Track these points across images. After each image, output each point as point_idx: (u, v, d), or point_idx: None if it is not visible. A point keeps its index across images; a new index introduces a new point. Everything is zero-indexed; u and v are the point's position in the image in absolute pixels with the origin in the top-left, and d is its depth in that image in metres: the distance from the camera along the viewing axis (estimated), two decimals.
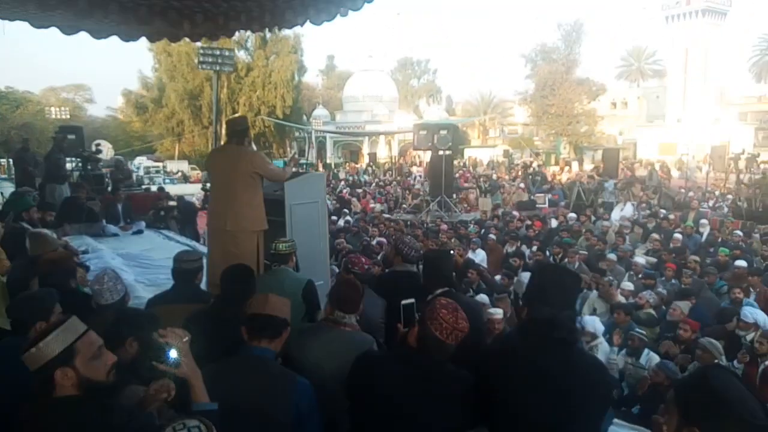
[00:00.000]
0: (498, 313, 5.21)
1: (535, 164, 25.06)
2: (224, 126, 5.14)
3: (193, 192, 19.17)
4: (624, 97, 51.19)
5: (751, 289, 6.83)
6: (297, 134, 41.02)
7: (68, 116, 33.89)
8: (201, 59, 13.13)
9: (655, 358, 5.22)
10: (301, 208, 4.56)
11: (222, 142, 34.42)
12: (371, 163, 31.70)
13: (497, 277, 7.57)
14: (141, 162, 34.39)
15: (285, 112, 37.06)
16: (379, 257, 9.19)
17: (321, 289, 3.84)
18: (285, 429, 2.08)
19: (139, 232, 8.84)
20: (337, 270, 5.93)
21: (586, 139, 41.01)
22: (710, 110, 39.00)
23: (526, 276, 7.50)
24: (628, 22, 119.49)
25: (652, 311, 6.44)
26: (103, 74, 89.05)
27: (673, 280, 7.72)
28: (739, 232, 10.11)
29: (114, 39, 5.65)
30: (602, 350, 5.41)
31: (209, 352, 2.16)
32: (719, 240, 9.82)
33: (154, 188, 15.06)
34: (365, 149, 41.21)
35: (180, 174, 32.08)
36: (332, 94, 53.92)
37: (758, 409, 1.39)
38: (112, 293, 3.00)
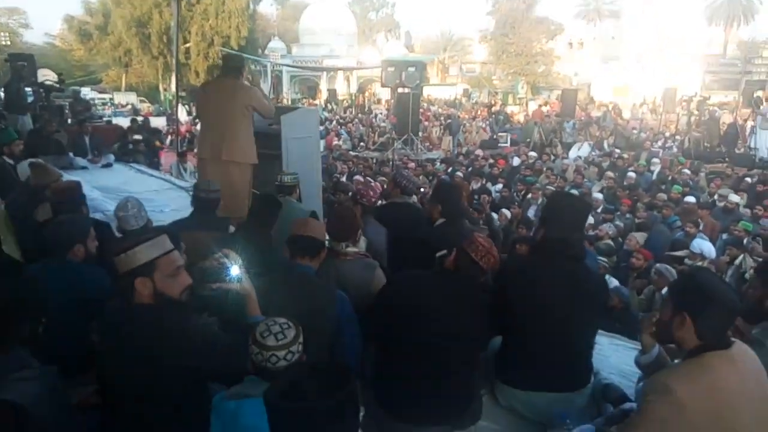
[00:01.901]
0: None
1: (498, 104, 25.31)
2: (222, 60, 5.17)
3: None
4: (580, 38, 51.52)
5: (700, 221, 7.48)
6: (253, 67, 39.61)
7: (8, 42, 31.45)
8: None
9: (614, 283, 5.78)
10: (297, 143, 4.71)
11: (191, 72, 32.69)
12: (330, 100, 31.20)
13: None
14: (86, 94, 32.60)
15: (240, 44, 35.42)
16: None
17: None
18: (329, 336, 2.37)
19: (108, 165, 8.70)
20: None
21: (543, 79, 41.44)
22: (663, 53, 39.93)
23: (502, 213, 7.96)
24: None
25: (610, 242, 7.01)
26: None
27: (627, 215, 8.33)
28: (688, 171, 10.83)
29: None
30: None
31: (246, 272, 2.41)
32: (669, 178, 10.49)
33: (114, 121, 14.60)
34: (323, 85, 40.35)
35: (130, 107, 30.70)
36: (288, 26, 51.74)
37: (735, 298, 1.76)
38: (137, 219, 3.15)
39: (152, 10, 34.16)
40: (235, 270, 2.12)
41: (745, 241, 6.48)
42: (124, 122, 14.13)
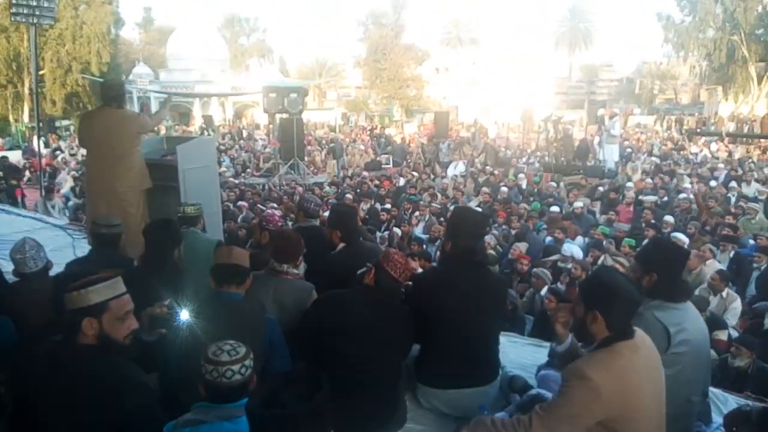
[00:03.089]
0: None
1: (379, 127, 26.17)
2: (100, 89, 5.06)
3: None
4: (446, 64, 54.98)
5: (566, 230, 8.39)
6: None
7: None
8: (14, 10, 11.33)
9: None
10: (194, 172, 4.66)
11: (46, 102, 29.76)
12: (207, 126, 30.23)
13: None
14: None
15: (102, 69, 33.20)
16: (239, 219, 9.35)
17: None
18: (260, 360, 2.43)
19: None
20: None
21: (415, 102, 43.55)
22: (518, 77, 43.83)
23: (394, 231, 8.30)
24: None
25: (493, 251, 7.64)
26: None
27: (503, 226, 9.11)
28: (553, 183, 12.06)
29: None
30: None
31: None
32: (535, 190, 11.60)
33: None
34: (197, 111, 39.01)
35: None
36: (153, 50, 49.44)
37: (635, 291, 2.10)
38: (35, 261, 2.99)
39: None
40: (184, 315, 2.18)
41: (603, 242, 7.39)
42: None
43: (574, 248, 6.95)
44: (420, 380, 2.78)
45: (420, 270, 3.73)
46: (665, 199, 10.51)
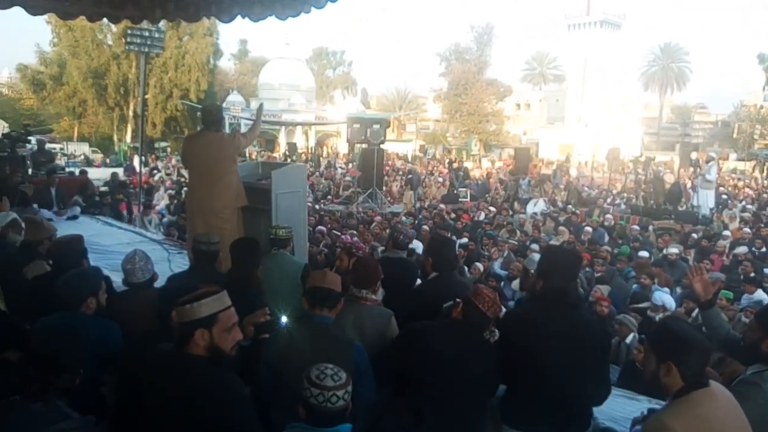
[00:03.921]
0: None
1: (458, 160, 26.24)
2: (201, 114, 5.42)
3: (99, 177, 18.27)
4: (527, 99, 54.54)
5: (655, 277, 7.94)
6: None
7: None
8: (128, 40, 12.46)
9: None
10: (286, 197, 4.84)
11: (148, 124, 32.44)
12: (290, 153, 31.49)
13: None
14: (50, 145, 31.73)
15: (199, 96, 35.69)
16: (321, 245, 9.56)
17: None
18: None
19: (74, 217, 8.54)
20: None
21: (494, 137, 43.31)
22: (605, 115, 42.60)
23: (475, 266, 8.20)
24: (533, 27, 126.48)
25: None
26: None
27: (587, 268, 8.75)
28: (636, 227, 11.50)
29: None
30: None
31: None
32: (626, 233, 11.10)
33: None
34: (282, 138, 40.75)
35: (82, 157, 30.01)
36: (246, 80, 52.53)
37: (707, 341, 2.02)
38: (143, 272, 3.19)
39: (110, 62, 34.11)
40: (284, 319, 2.28)
41: None
42: (91, 174, 13.88)
43: (665, 297, 6.54)
44: (505, 421, 2.68)
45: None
46: (763, 250, 9.75)
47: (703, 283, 2.67)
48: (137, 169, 15.90)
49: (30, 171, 10.30)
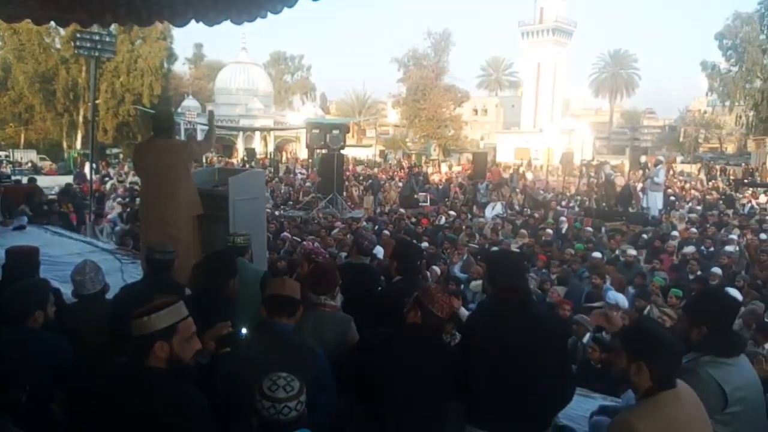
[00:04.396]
0: None
1: (416, 166, 26.47)
2: (152, 120, 5.24)
3: (49, 184, 17.59)
4: (484, 105, 55.53)
5: (607, 276, 8.19)
6: None
7: None
8: (78, 44, 12.03)
9: None
10: (244, 204, 4.77)
11: (99, 130, 31.30)
12: (249, 159, 31.09)
13: None
14: None
15: (152, 101, 34.83)
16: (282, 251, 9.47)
17: None
18: (309, 392, 2.43)
19: (21, 227, 8.18)
20: None
21: (453, 142, 43.87)
22: (558, 120, 43.77)
23: (433, 269, 8.26)
24: (488, 34, 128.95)
25: (532, 296, 7.49)
26: None
27: (543, 270, 8.95)
28: (590, 228, 11.85)
29: None
30: None
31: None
32: (579, 235, 11.42)
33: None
34: (240, 144, 40.18)
35: (30, 164, 28.83)
36: (201, 85, 51.65)
37: (678, 342, 2.08)
38: (93, 283, 3.08)
39: (58, 66, 32.98)
40: (243, 331, 2.25)
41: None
42: (40, 182, 13.34)
43: (619, 296, 6.74)
44: (469, 422, 2.70)
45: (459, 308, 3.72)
46: (711, 249, 10.19)
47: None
48: (88, 177, 15.36)
49: None
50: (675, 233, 11.29)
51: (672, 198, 17.59)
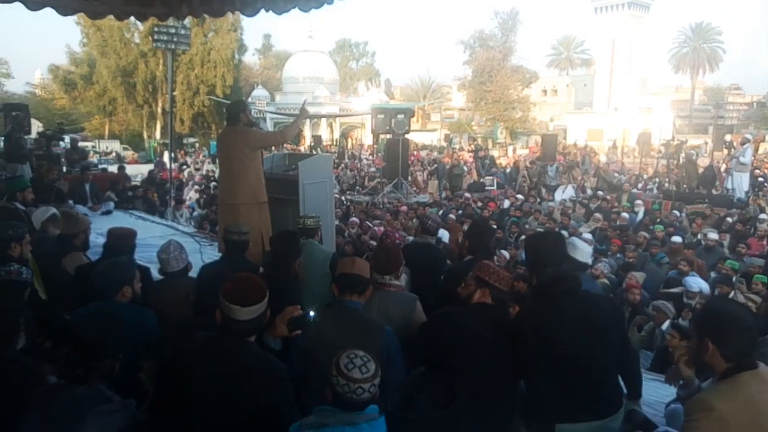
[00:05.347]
0: None
1: (484, 149, 26.03)
2: (225, 110, 5.40)
3: (133, 173, 18.69)
4: (554, 85, 53.59)
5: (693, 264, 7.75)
6: None
7: None
8: (155, 38, 12.69)
9: None
10: (313, 187, 4.90)
11: (176, 120, 33.15)
12: (316, 146, 31.68)
13: None
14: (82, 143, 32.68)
15: (225, 92, 36.16)
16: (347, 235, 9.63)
17: None
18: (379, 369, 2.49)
19: (108, 212, 8.77)
20: None
21: (520, 124, 42.74)
22: (635, 98, 41.62)
23: (501, 254, 8.16)
24: (558, 11, 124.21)
25: (606, 281, 7.24)
26: (18, 47, 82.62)
27: (618, 254, 8.61)
28: (677, 213, 11.26)
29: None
30: None
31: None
32: (658, 220, 10.88)
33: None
34: (307, 131, 40.97)
35: (114, 154, 30.75)
36: (270, 75, 52.97)
37: (749, 318, 1.96)
38: (178, 261, 3.28)
39: (138, 60, 34.76)
40: (312, 313, 2.34)
41: (734, 278, 6.76)
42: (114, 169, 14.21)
43: (701, 282, 6.40)
44: (533, 413, 2.64)
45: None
46: None
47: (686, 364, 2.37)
48: (167, 165, 16.20)
49: (64, 168, 10.63)
50: (763, 216, 10.53)
51: (760, 179, 16.38)
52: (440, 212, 12.03)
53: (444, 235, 10.05)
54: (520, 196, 14.03)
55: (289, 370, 2.43)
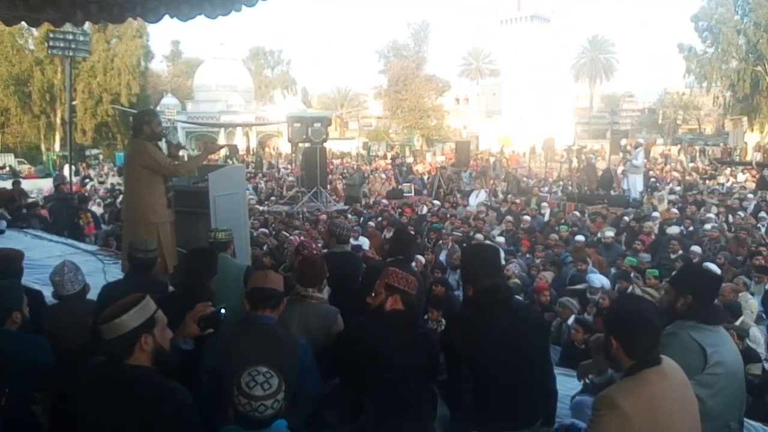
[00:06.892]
0: None
1: (400, 156, 26.47)
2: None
3: (30, 188, 17.33)
4: (466, 94, 55.54)
5: (588, 259, 8.29)
6: None
7: None
8: (51, 44, 11.84)
9: None
10: (224, 199, 4.75)
11: (77, 131, 30.86)
12: (231, 156, 30.80)
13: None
14: None
15: (131, 100, 34.38)
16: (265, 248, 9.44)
17: None
18: (292, 384, 2.44)
19: (0, 232, 8.06)
20: None
21: (436, 132, 43.91)
22: (539, 106, 43.96)
23: (418, 258, 8.28)
24: (467, 24, 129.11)
25: (517, 280, 7.57)
26: None
27: (527, 255, 9.04)
28: (577, 213, 11.96)
29: None
30: None
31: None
32: (562, 221, 11.51)
33: None
34: (221, 140, 39.80)
35: (8, 169, 28.33)
36: (180, 82, 51.02)
37: (653, 318, 2.08)
38: (73, 283, 3.06)
39: (33, 68, 32.35)
40: (223, 311, 2.30)
41: (632, 274, 7.27)
42: (8, 185, 13.10)
43: (602, 279, 6.85)
44: (460, 426, 2.66)
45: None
46: (690, 229, 10.35)
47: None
48: (67, 179, 15.16)
49: None
50: (656, 214, 11.45)
51: (653, 180, 17.81)
52: (360, 220, 12.09)
53: (364, 242, 10.13)
54: (436, 202, 14.40)
55: (197, 389, 2.34)
